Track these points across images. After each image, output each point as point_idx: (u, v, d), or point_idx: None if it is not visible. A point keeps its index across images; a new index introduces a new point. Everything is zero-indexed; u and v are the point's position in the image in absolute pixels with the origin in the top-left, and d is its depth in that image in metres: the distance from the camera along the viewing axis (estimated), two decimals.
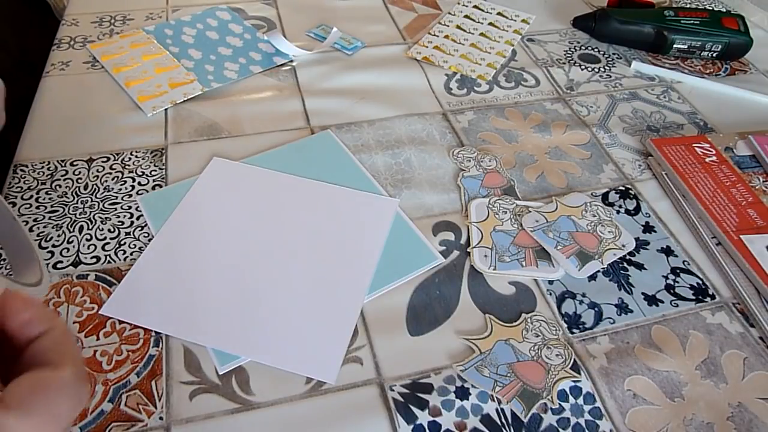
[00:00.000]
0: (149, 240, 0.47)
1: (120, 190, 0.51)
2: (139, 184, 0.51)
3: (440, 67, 0.68)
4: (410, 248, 0.48)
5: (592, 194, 0.54)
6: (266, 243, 0.47)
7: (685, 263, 0.48)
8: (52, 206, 0.49)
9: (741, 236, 0.49)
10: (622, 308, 0.45)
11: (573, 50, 0.73)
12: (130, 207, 0.49)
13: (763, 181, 0.54)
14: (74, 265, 0.45)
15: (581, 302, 0.45)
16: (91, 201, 0.50)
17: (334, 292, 0.44)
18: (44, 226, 0.47)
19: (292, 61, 0.67)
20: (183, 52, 0.66)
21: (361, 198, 0.51)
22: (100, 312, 0.42)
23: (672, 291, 0.46)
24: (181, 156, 0.54)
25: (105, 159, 0.54)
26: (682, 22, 0.71)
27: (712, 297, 0.46)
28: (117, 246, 0.46)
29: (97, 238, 0.47)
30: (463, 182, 0.54)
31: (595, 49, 0.73)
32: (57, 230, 0.47)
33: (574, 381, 0.40)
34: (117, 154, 0.54)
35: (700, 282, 0.47)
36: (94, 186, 0.51)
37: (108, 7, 0.74)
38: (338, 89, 0.64)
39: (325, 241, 0.47)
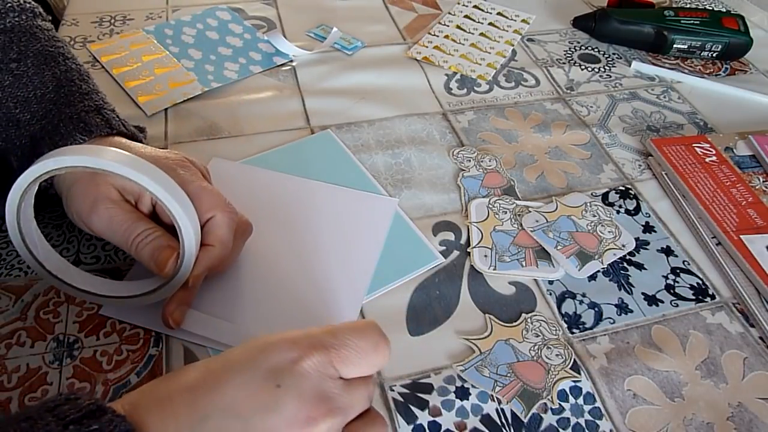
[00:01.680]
0: None
1: None
2: None
3: (440, 67, 0.68)
4: (410, 248, 0.48)
5: (592, 194, 0.54)
6: (266, 243, 0.47)
7: (685, 263, 0.48)
8: (52, 206, 0.49)
9: (741, 236, 0.49)
10: (622, 308, 0.45)
11: (573, 50, 0.73)
12: None
13: (763, 181, 0.54)
14: (74, 264, 0.45)
15: (581, 302, 0.45)
16: None
17: (333, 293, 0.44)
18: (44, 226, 0.47)
19: (292, 61, 0.67)
20: (183, 52, 0.66)
21: (361, 197, 0.51)
22: (100, 312, 0.42)
23: (672, 291, 0.46)
24: None
25: None
26: (682, 22, 0.71)
27: (712, 297, 0.46)
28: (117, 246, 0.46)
29: (97, 238, 0.47)
30: (463, 182, 0.54)
31: (595, 49, 0.73)
32: (57, 230, 0.47)
33: (574, 381, 0.40)
34: None
35: (700, 282, 0.47)
36: None
37: (108, 7, 0.74)
38: (338, 89, 0.64)
39: (324, 242, 0.47)
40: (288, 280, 0.44)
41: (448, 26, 0.75)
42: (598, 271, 0.47)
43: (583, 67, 0.70)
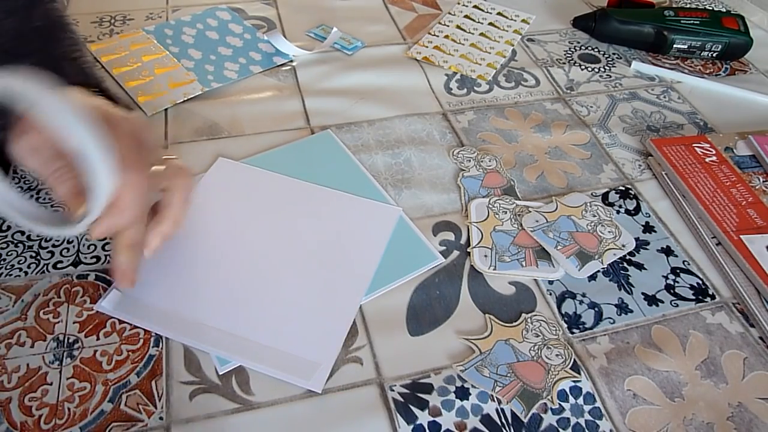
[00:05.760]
0: None
1: None
2: None
3: (440, 67, 0.68)
4: (410, 248, 0.48)
5: (592, 194, 0.54)
6: (267, 248, 0.47)
7: (685, 263, 0.48)
8: (52, 206, 0.49)
9: (741, 236, 0.49)
10: (622, 308, 0.45)
11: (573, 50, 0.73)
12: None
13: (763, 181, 0.54)
14: (74, 265, 0.45)
15: (581, 302, 0.45)
16: None
17: (328, 298, 0.43)
18: None
19: (292, 61, 0.67)
20: (183, 52, 0.66)
21: (364, 205, 0.51)
22: (94, 308, 0.42)
23: (672, 291, 0.46)
24: (181, 156, 0.54)
25: None
26: (682, 22, 0.71)
27: (712, 297, 0.46)
28: None
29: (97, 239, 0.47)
30: (463, 182, 0.54)
31: (595, 49, 0.73)
32: None
33: (574, 381, 0.40)
34: None
35: (700, 282, 0.47)
36: None
37: (108, 7, 0.74)
38: (338, 89, 0.64)
39: (324, 250, 0.47)
40: (284, 287, 0.44)
41: (448, 26, 0.75)
42: (598, 271, 0.47)
43: (583, 67, 0.70)
